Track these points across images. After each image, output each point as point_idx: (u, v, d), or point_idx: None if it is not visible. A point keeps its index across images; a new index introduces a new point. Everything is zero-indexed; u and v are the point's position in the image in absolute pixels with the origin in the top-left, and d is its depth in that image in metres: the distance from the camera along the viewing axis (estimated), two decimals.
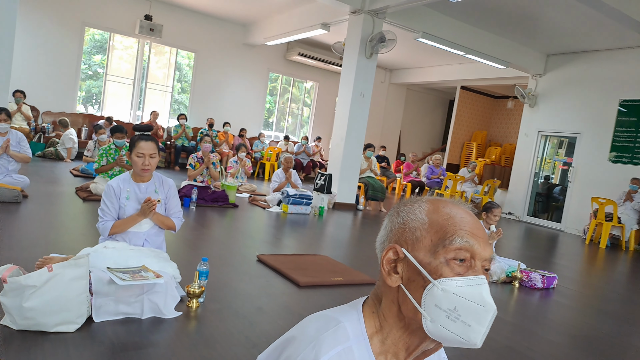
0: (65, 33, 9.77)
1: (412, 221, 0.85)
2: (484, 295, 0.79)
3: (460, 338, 0.78)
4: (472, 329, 0.78)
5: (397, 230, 0.86)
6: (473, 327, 0.78)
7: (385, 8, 7.28)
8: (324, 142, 13.24)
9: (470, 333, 0.78)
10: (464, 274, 0.80)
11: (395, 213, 0.89)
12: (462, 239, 0.80)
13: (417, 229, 0.84)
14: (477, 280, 0.80)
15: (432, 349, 0.87)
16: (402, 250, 0.84)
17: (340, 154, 7.76)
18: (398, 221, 0.87)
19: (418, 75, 13.48)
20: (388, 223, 0.89)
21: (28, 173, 5.70)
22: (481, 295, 0.78)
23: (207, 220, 5.38)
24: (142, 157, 2.83)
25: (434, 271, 0.80)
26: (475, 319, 0.77)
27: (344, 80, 7.87)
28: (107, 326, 2.27)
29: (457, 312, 0.78)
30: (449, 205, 0.86)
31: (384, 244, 0.88)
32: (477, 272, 0.81)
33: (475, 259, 0.81)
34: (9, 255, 3.08)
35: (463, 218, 0.83)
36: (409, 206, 0.88)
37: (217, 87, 11.79)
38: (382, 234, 0.90)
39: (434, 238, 0.82)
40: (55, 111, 9.75)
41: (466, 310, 0.77)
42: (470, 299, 0.78)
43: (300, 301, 3.09)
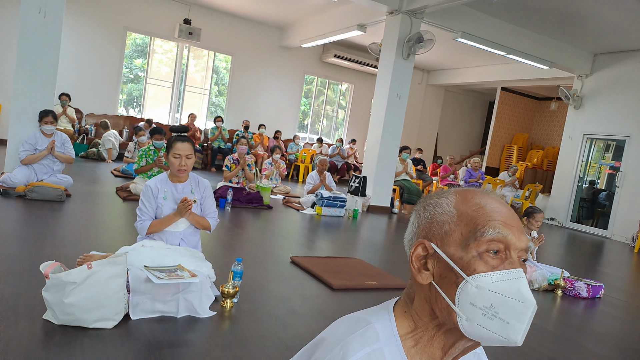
0: (108, 38, 10.10)
1: (439, 214, 0.81)
2: (522, 290, 0.74)
3: (499, 336, 0.73)
4: (512, 327, 0.73)
5: (424, 225, 0.82)
6: (512, 324, 0.73)
7: (424, 8, 7.16)
8: (358, 145, 13.16)
9: (510, 331, 0.73)
10: (499, 266, 0.75)
11: (421, 207, 0.85)
12: (495, 229, 0.75)
13: (446, 222, 0.79)
14: (513, 273, 0.75)
15: (470, 346, 0.82)
16: (431, 245, 0.80)
17: (376, 156, 7.68)
18: (425, 215, 0.83)
19: (456, 76, 13.21)
20: (415, 218, 0.86)
21: (71, 173, 5.90)
22: (519, 290, 0.73)
23: (241, 221, 5.42)
24: (179, 158, 2.87)
25: (466, 266, 0.75)
26: (514, 316, 0.73)
27: (380, 81, 7.78)
28: (143, 324, 2.30)
29: (494, 309, 0.73)
30: (478, 195, 0.81)
31: (412, 240, 0.84)
32: (513, 264, 0.76)
33: (510, 250, 0.76)
34: (52, 251, 3.18)
35: (494, 207, 0.78)
36: (436, 199, 0.83)
37: (253, 89, 11.91)
38: (409, 231, 0.87)
39: (464, 231, 0.77)
40: (98, 113, 10.09)
41: (504, 306, 0.73)
42: (507, 294, 0.73)
43: (333, 304, 3.05)
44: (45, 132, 5.18)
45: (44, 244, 3.32)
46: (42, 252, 3.11)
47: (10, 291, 2.39)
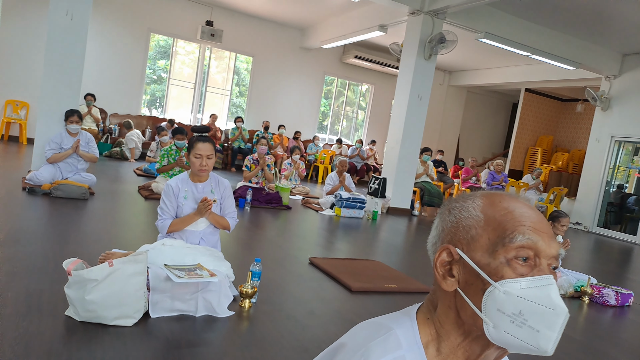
0: (132, 39, 10.27)
1: (465, 219, 0.77)
2: (553, 297, 0.70)
3: (528, 345, 0.70)
4: (542, 335, 0.69)
5: (449, 230, 0.79)
6: (542, 332, 0.69)
7: (446, 8, 7.08)
8: (378, 146, 13.09)
9: (540, 339, 0.69)
10: (528, 274, 0.72)
11: (446, 211, 0.82)
12: (524, 235, 0.72)
13: (472, 227, 0.76)
14: (543, 279, 0.71)
15: (497, 356, 0.79)
16: (456, 250, 0.76)
17: (396, 157, 7.61)
18: (450, 219, 0.80)
19: (479, 77, 13.03)
20: (439, 222, 0.82)
21: (95, 172, 6.00)
22: (549, 296, 0.70)
23: (260, 221, 5.43)
24: (200, 158, 2.88)
25: (494, 272, 0.72)
26: (545, 324, 0.69)
27: (401, 82, 7.72)
28: (162, 322, 2.31)
29: (523, 316, 0.70)
30: (506, 199, 0.78)
31: (436, 245, 0.81)
32: (543, 272, 0.72)
33: (539, 257, 0.73)
34: (75, 249, 3.23)
35: (523, 212, 0.75)
36: (461, 202, 0.80)
37: (273, 90, 11.96)
38: (433, 235, 0.83)
39: (492, 236, 0.74)
40: (122, 113, 10.26)
41: (533, 314, 0.69)
42: (537, 301, 0.70)
43: (352, 307, 3.02)
44: (70, 131, 5.28)
45: (67, 242, 3.38)
46: (66, 249, 3.16)
47: (34, 287, 2.43)
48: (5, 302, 2.22)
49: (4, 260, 2.77)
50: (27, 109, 9.22)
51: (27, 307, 2.20)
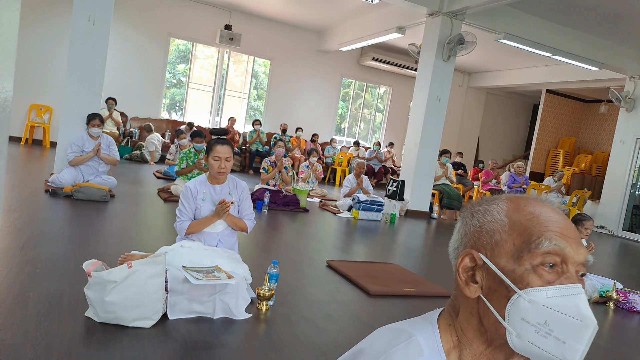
0: (152, 44, 10.41)
1: (489, 223, 0.75)
2: (581, 307, 0.67)
3: (553, 356, 0.67)
4: (568, 347, 0.66)
5: (472, 234, 0.77)
6: (569, 344, 0.66)
7: (465, 9, 7.00)
8: (396, 148, 13.01)
9: (566, 351, 0.66)
10: (555, 281, 0.69)
11: (469, 214, 0.79)
12: (551, 241, 0.70)
13: (496, 231, 0.74)
14: (571, 289, 0.68)
15: None
16: (480, 256, 0.74)
17: (414, 160, 7.54)
18: (473, 223, 0.77)
19: (499, 78, 12.85)
20: (461, 226, 0.80)
21: (116, 174, 6.09)
22: (577, 306, 0.67)
23: (278, 223, 5.43)
24: (219, 160, 2.89)
25: (519, 280, 0.70)
26: (572, 335, 0.66)
27: (419, 84, 7.66)
28: (180, 324, 2.31)
29: (549, 326, 0.67)
30: (531, 203, 0.75)
31: (458, 249, 0.79)
32: (571, 279, 0.69)
33: (567, 264, 0.70)
34: (96, 250, 3.27)
35: (550, 217, 0.72)
36: (485, 206, 0.78)
37: (291, 93, 12.00)
38: (455, 239, 0.81)
39: (517, 241, 0.72)
40: (142, 117, 10.41)
41: (559, 324, 0.67)
42: (564, 311, 0.67)
43: (370, 310, 2.99)
44: (92, 134, 5.37)
45: (88, 243, 3.43)
46: (86, 251, 3.21)
47: (55, 288, 2.47)
48: (27, 302, 2.26)
49: (27, 262, 2.82)
50: (50, 113, 9.42)
51: (48, 308, 2.23)
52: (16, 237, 3.28)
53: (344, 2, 8.96)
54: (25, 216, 3.90)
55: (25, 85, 9.24)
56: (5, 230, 3.40)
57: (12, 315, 2.11)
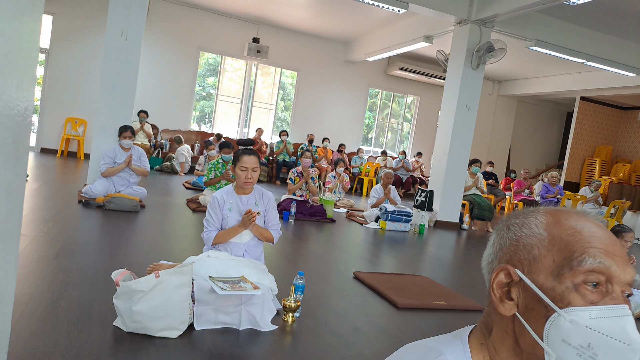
0: (182, 58, 10.65)
1: (526, 237, 0.71)
2: (629, 330, 0.62)
3: None
4: None
5: (508, 248, 0.72)
6: None
7: (494, 17, 6.89)
8: (425, 158, 12.85)
9: None
10: (599, 302, 0.64)
11: (504, 227, 0.75)
12: (595, 258, 0.65)
13: (534, 246, 0.69)
14: (617, 310, 0.63)
15: None
16: (516, 272, 0.70)
17: (443, 169, 7.42)
18: (509, 237, 0.73)
19: (530, 86, 12.58)
20: (496, 239, 0.75)
21: (147, 185, 6.21)
22: (624, 329, 0.62)
23: (304, 234, 5.41)
24: (246, 170, 2.90)
25: (559, 298, 0.65)
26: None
27: (447, 92, 7.56)
28: (206, 335, 2.31)
29: (592, 350, 0.62)
30: (573, 217, 0.70)
31: (493, 263, 0.74)
32: (616, 300, 0.64)
33: (612, 284, 0.65)
34: (125, 260, 3.32)
35: (593, 232, 0.67)
36: (522, 219, 0.73)
37: (317, 103, 12.04)
38: (489, 252, 0.76)
39: (557, 258, 0.67)
40: (172, 129, 10.62)
41: (605, 348, 0.61)
42: (609, 334, 0.62)
43: (398, 324, 2.92)
44: (123, 146, 5.50)
45: (118, 253, 3.48)
46: (116, 260, 3.26)
47: (85, 297, 2.50)
48: (59, 311, 2.30)
49: (59, 271, 2.88)
50: (85, 126, 9.72)
51: (78, 317, 2.26)
52: (50, 247, 3.36)
53: (371, 12, 8.96)
54: (59, 226, 4.00)
55: (61, 99, 9.58)
56: (40, 240, 3.49)
57: (43, 323, 2.15)
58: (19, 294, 2.42)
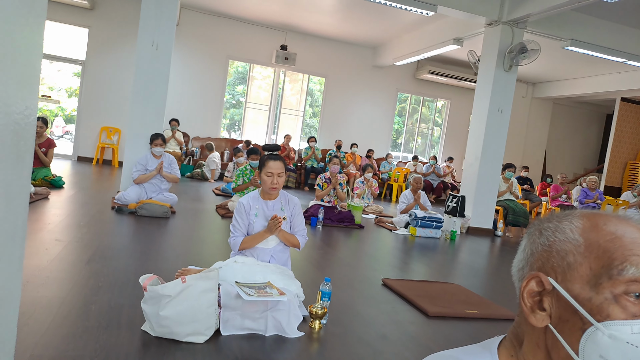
0: (212, 67, 10.84)
1: (560, 242, 0.65)
2: None
3: None
4: None
5: (540, 254, 0.67)
6: None
7: (527, 17, 6.71)
8: (456, 163, 12.62)
9: None
10: None
11: (536, 232, 0.69)
12: (638, 267, 0.59)
13: (569, 252, 0.64)
14: None
15: None
16: (548, 280, 0.64)
17: (475, 174, 7.25)
18: (541, 242, 0.68)
19: (567, 87, 12.19)
20: (527, 244, 0.70)
21: (178, 192, 6.31)
22: None
23: (332, 240, 5.37)
24: (271, 176, 2.90)
25: (596, 310, 0.59)
26: None
27: (479, 95, 7.40)
28: (232, 340, 2.30)
29: None
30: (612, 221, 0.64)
31: (523, 270, 0.69)
32: None
33: None
34: (155, 265, 3.36)
35: (636, 238, 0.62)
36: (556, 222, 0.68)
37: (345, 109, 12.02)
38: (519, 258, 0.71)
39: (595, 266, 0.61)
40: (203, 137, 10.80)
41: None
42: None
43: (428, 332, 2.84)
44: (155, 153, 5.61)
45: (148, 258, 3.53)
46: (146, 266, 3.30)
47: (115, 302, 2.54)
48: (89, 314, 2.34)
49: (91, 275, 2.94)
50: (119, 135, 10.00)
51: (108, 321, 2.29)
52: (83, 252, 3.44)
53: (399, 16, 8.90)
54: (93, 232, 4.10)
55: (97, 109, 9.89)
56: (74, 245, 3.58)
57: (74, 326, 2.19)
58: (53, 298, 2.48)
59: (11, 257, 0.55)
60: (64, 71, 18.22)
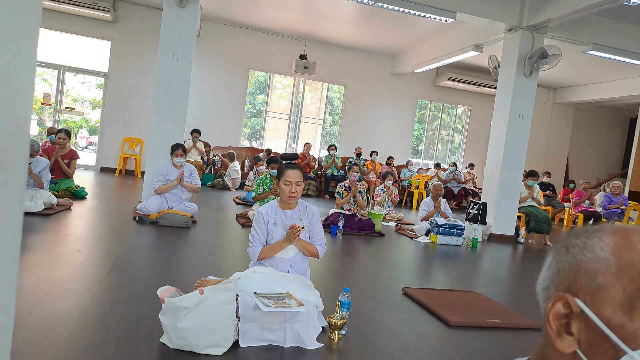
0: (232, 77, 10.96)
1: (589, 261, 0.61)
2: None
3: None
4: None
5: (567, 273, 0.63)
6: None
7: (547, 22, 6.61)
8: (477, 169, 12.46)
9: None
10: None
11: (563, 248, 0.65)
12: None
13: (599, 272, 0.59)
14: None
15: None
16: (576, 302, 0.60)
17: (496, 181, 7.15)
18: (568, 260, 0.63)
19: (589, 92, 11.95)
20: (553, 261, 0.66)
21: (199, 201, 6.37)
22: None
23: (352, 248, 5.34)
24: (289, 184, 2.90)
25: (631, 337, 0.55)
26: None
27: (499, 102, 7.30)
28: (251, 352, 2.29)
29: None
30: None
31: (549, 290, 0.65)
32: None
33: None
34: (175, 276, 3.38)
35: None
36: (584, 239, 0.63)
37: (365, 117, 12.00)
38: (544, 276, 0.67)
39: (629, 288, 0.57)
40: (224, 146, 10.91)
41: None
42: None
43: (450, 343, 2.79)
44: (175, 163, 5.67)
45: (168, 269, 3.56)
46: (166, 277, 3.33)
47: (134, 314, 2.56)
48: (109, 326, 2.36)
49: (111, 287, 2.97)
50: (141, 145, 10.17)
51: (126, 333, 2.31)
52: (103, 263, 3.49)
53: (418, 23, 8.87)
54: (114, 242, 4.16)
55: (119, 120, 10.09)
56: (95, 256, 3.64)
57: (93, 338, 2.21)
58: (72, 310, 2.51)
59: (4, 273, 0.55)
60: (88, 83, 18.68)
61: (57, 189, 6.14)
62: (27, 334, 2.16)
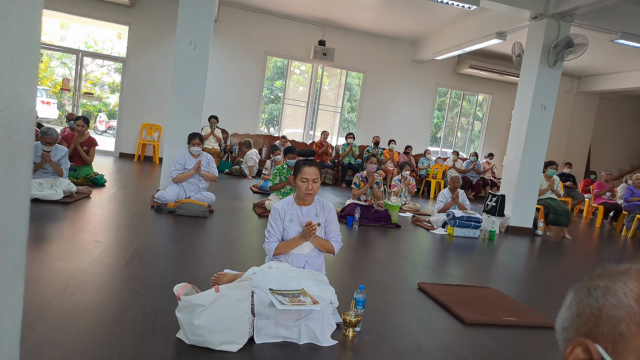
0: (250, 63, 10.91)
1: (612, 307, 0.58)
2: None
3: None
4: None
5: (588, 317, 0.60)
6: None
7: (574, 9, 6.40)
8: (496, 159, 12.27)
9: None
10: None
11: (585, 289, 0.62)
12: None
13: (622, 320, 0.57)
14: None
15: None
16: (597, 349, 0.57)
17: (516, 172, 7.03)
18: (590, 303, 0.60)
19: (614, 81, 11.60)
20: (574, 302, 0.63)
21: (216, 189, 6.39)
22: None
23: (368, 240, 5.33)
24: (306, 182, 2.88)
25: None
26: None
27: (521, 91, 7.14)
28: (265, 349, 2.31)
29: None
30: None
31: (568, 331, 0.62)
32: None
33: None
34: (192, 268, 3.42)
35: None
36: (607, 282, 0.60)
37: (384, 104, 11.87)
38: (564, 316, 0.64)
39: None
40: (241, 133, 10.92)
41: None
42: None
43: (464, 342, 2.77)
44: (192, 152, 5.70)
45: (185, 260, 3.59)
46: (183, 268, 3.37)
47: (151, 307, 2.59)
48: (125, 320, 2.40)
49: (129, 279, 3.02)
50: (159, 132, 10.25)
51: (143, 327, 2.34)
52: (121, 254, 3.54)
53: (440, 10, 8.68)
54: (132, 232, 4.21)
55: (138, 105, 10.16)
56: (113, 247, 3.69)
57: (110, 333, 2.25)
58: (91, 303, 2.56)
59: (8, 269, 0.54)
60: (107, 67, 18.84)
61: (77, 176, 6.23)
62: (47, 327, 2.20)
